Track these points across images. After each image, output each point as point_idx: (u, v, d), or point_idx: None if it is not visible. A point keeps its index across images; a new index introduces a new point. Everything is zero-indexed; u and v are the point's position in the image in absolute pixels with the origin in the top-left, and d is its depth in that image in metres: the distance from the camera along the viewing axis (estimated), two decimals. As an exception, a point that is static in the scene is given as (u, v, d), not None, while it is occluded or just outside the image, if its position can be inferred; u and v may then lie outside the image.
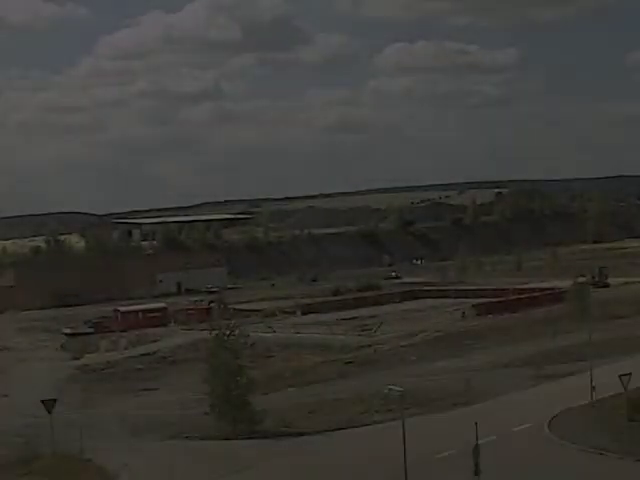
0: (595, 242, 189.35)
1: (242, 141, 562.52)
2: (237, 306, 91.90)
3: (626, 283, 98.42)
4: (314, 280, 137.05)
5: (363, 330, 71.90)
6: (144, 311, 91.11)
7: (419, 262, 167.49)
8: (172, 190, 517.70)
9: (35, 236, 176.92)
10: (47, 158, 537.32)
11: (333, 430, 39.76)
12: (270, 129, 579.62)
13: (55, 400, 39.49)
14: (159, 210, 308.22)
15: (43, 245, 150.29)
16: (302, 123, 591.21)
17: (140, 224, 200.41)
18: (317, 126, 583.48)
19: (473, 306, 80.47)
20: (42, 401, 38.95)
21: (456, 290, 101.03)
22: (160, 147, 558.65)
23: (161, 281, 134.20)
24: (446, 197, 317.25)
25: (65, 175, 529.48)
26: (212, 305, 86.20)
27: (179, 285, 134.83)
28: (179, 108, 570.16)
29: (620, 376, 33.32)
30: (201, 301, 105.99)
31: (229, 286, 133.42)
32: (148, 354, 71.96)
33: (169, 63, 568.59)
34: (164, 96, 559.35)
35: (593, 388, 39.51)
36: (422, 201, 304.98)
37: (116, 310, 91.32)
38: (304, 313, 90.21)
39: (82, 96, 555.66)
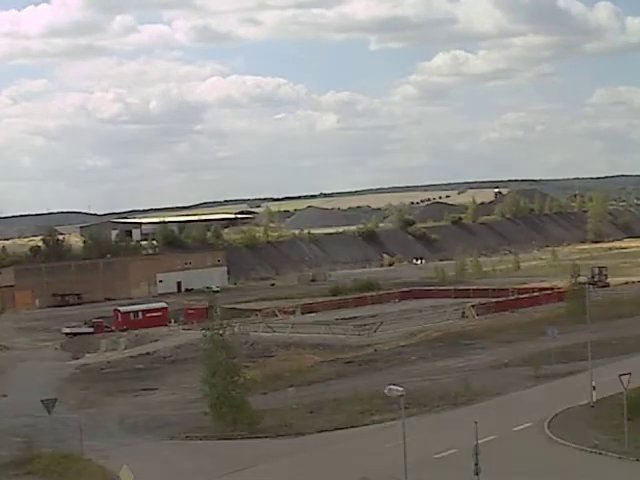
0: (595, 242, 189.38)
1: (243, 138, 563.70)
2: (237, 306, 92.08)
3: (626, 283, 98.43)
4: (313, 280, 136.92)
5: (363, 330, 71.80)
6: (144, 311, 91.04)
7: (419, 262, 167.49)
8: (172, 190, 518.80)
9: (35, 236, 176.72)
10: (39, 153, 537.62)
11: (333, 430, 39.79)
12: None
13: (55, 400, 39.53)
14: (159, 210, 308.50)
15: (43, 245, 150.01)
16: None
17: (140, 224, 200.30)
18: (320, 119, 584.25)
19: (473, 306, 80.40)
20: (42, 401, 38.98)
21: (456, 290, 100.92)
22: (160, 143, 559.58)
23: (161, 281, 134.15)
24: (446, 197, 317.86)
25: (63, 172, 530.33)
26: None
27: (179, 285, 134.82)
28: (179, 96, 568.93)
29: (620, 376, 33.30)
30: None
31: (229, 286, 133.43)
32: (148, 354, 71.92)
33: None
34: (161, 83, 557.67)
35: (593, 388, 39.54)
36: (422, 201, 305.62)
37: (116, 310, 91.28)
38: (304, 313, 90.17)
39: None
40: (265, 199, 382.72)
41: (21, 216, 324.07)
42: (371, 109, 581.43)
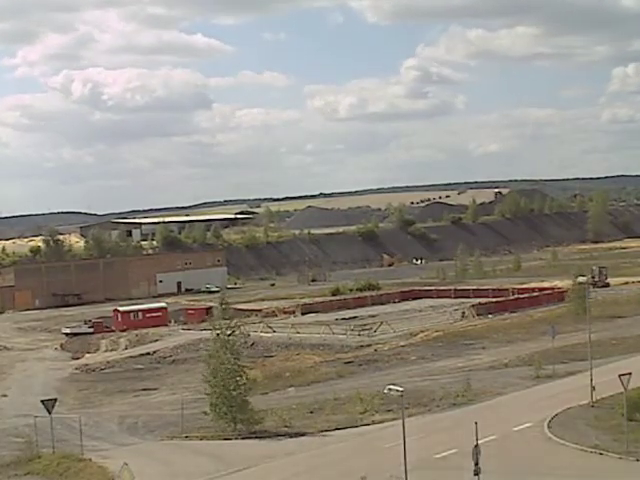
0: (595, 242, 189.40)
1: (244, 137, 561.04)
2: (237, 306, 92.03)
3: (626, 283, 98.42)
4: (314, 280, 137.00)
5: (363, 330, 71.80)
6: (144, 311, 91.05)
7: (419, 262, 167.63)
8: (172, 190, 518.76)
9: (35, 236, 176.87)
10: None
11: (333, 430, 39.80)
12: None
13: (55, 400, 39.53)
14: (159, 210, 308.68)
15: (43, 245, 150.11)
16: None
17: (140, 224, 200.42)
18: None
19: (473, 306, 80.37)
20: (42, 401, 38.99)
21: (456, 290, 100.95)
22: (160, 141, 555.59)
23: (161, 281, 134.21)
24: (446, 197, 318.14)
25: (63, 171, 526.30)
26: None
27: (179, 285, 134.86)
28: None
29: (620, 376, 33.30)
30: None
31: (229, 286, 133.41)
32: (148, 354, 71.91)
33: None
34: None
35: (593, 388, 39.54)
36: (422, 201, 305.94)
37: (116, 310, 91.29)
38: (304, 313, 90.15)
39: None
40: (265, 199, 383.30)
41: (21, 216, 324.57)
42: (372, 104, 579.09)
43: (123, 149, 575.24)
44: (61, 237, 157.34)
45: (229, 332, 41.01)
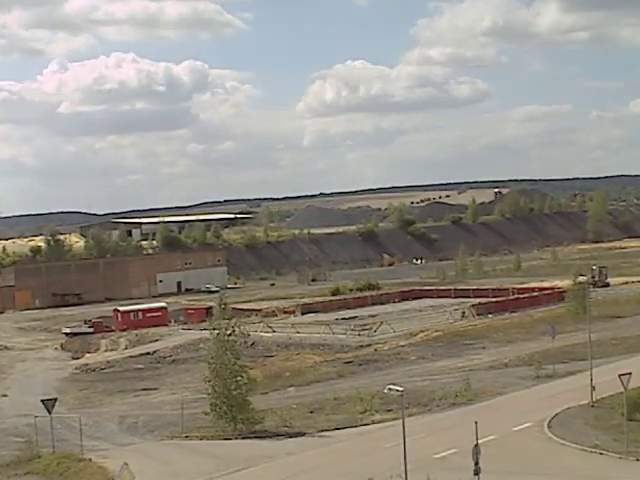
0: (595, 242, 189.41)
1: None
2: (237, 306, 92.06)
3: (626, 283, 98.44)
4: (314, 280, 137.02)
5: (363, 330, 71.81)
6: (144, 311, 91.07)
7: (419, 262, 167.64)
8: (172, 190, 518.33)
9: (35, 236, 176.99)
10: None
11: (333, 430, 39.81)
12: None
13: (55, 400, 39.54)
14: (159, 210, 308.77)
15: (43, 245, 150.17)
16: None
17: (140, 224, 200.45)
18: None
19: (473, 306, 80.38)
20: (42, 401, 39.00)
21: (456, 290, 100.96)
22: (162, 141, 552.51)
23: (161, 281, 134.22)
24: (446, 197, 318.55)
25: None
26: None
27: (179, 285, 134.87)
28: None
29: (620, 376, 33.31)
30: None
31: (229, 286, 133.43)
32: (148, 354, 71.91)
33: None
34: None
35: (593, 388, 39.55)
36: (422, 201, 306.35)
37: (116, 310, 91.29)
38: (304, 313, 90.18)
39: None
40: (265, 199, 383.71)
41: (21, 216, 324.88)
42: (371, 102, 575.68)
43: (121, 147, 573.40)
44: (61, 237, 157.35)
45: (228, 332, 41.01)
